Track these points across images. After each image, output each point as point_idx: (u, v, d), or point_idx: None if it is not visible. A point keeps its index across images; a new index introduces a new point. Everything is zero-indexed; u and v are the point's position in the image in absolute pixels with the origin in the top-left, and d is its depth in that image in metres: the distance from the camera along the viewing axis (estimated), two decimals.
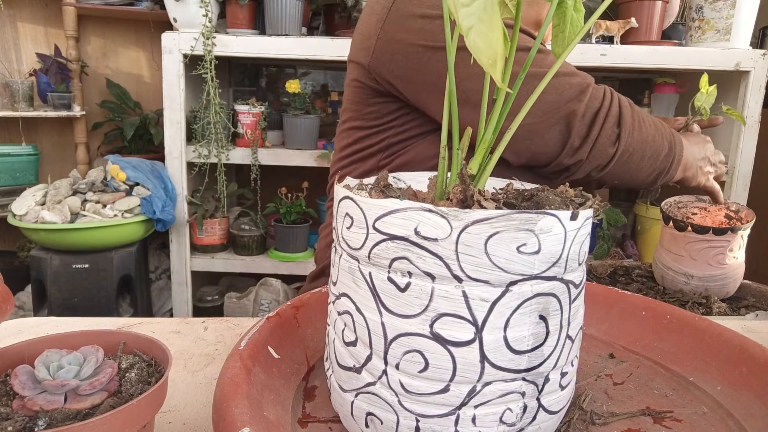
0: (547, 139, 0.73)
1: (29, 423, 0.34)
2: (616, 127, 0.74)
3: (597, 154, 0.75)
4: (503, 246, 0.34)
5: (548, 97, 0.71)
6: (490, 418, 0.37)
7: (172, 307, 2.05)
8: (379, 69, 0.79)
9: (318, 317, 0.55)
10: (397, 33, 0.76)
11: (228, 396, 0.38)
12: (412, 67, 0.76)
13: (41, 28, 2.37)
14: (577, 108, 0.72)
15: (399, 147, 0.84)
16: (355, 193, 0.38)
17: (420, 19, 0.74)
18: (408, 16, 0.75)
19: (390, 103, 0.83)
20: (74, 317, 0.68)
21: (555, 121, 0.72)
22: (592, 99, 0.73)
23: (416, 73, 0.76)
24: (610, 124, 0.74)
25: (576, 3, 0.45)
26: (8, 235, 2.44)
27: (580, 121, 0.72)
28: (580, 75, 0.74)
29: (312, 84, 2.52)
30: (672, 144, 0.81)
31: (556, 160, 0.75)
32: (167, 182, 1.90)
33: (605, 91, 0.75)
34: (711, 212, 1.00)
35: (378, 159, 0.85)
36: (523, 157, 0.76)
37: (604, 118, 0.73)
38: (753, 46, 1.86)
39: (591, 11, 0.40)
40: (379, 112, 0.84)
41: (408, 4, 0.75)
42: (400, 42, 0.76)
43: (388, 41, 0.77)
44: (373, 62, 0.79)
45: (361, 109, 0.85)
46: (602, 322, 0.61)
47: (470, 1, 0.32)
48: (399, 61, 0.76)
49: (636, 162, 0.77)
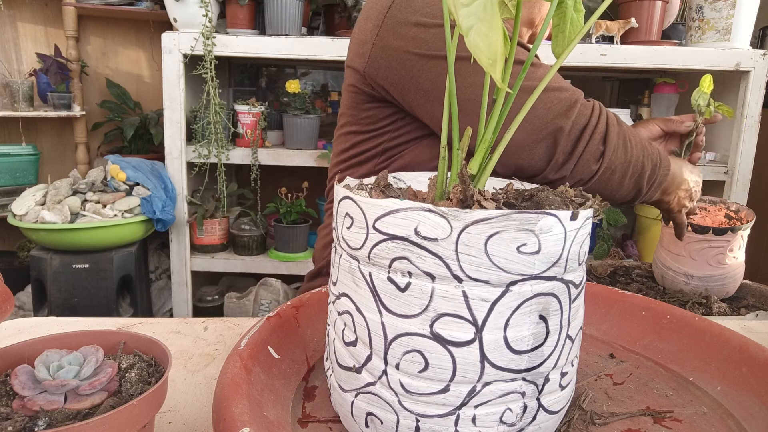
0: (533, 154, 0.73)
1: (29, 423, 0.34)
2: (601, 145, 0.74)
3: (580, 170, 0.75)
4: (503, 246, 0.34)
5: (537, 112, 0.71)
6: (490, 418, 0.37)
7: (172, 307, 2.05)
8: (374, 75, 0.79)
9: (318, 317, 0.55)
10: (393, 40, 0.76)
11: (228, 396, 0.38)
12: (406, 75, 0.76)
13: (41, 28, 2.37)
14: (564, 124, 0.72)
15: (395, 151, 0.85)
16: (355, 193, 0.38)
17: (415, 27, 0.74)
18: (403, 23, 0.75)
19: (385, 108, 0.83)
20: (74, 317, 0.68)
21: (542, 137, 0.72)
22: (579, 115, 0.73)
23: (410, 80, 0.76)
24: (595, 141, 0.74)
25: (576, 3, 0.45)
26: (8, 235, 2.44)
27: (566, 138, 0.73)
28: (570, 90, 0.74)
29: (312, 84, 2.52)
30: (656, 166, 0.81)
31: (541, 175, 0.76)
32: (167, 182, 1.90)
33: (593, 106, 0.75)
34: (711, 212, 1.00)
35: (374, 163, 0.86)
36: (510, 170, 0.76)
37: (590, 134, 0.73)
38: (753, 46, 1.86)
39: (591, 11, 0.40)
40: (375, 116, 0.84)
41: (404, 12, 0.75)
42: (395, 49, 0.76)
43: (383, 48, 0.77)
44: (368, 68, 0.80)
45: (358, 113, 0.86)
46: (602, 322, 0.61)
47: (470, 1, 0.32)
48: (393, 68, 0.77)
49: (617, 180, 0.77)
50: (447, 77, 0.40)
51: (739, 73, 1.81)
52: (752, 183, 1.89)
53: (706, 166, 1.91)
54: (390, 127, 0.84)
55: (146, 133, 2.27)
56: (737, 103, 1.86)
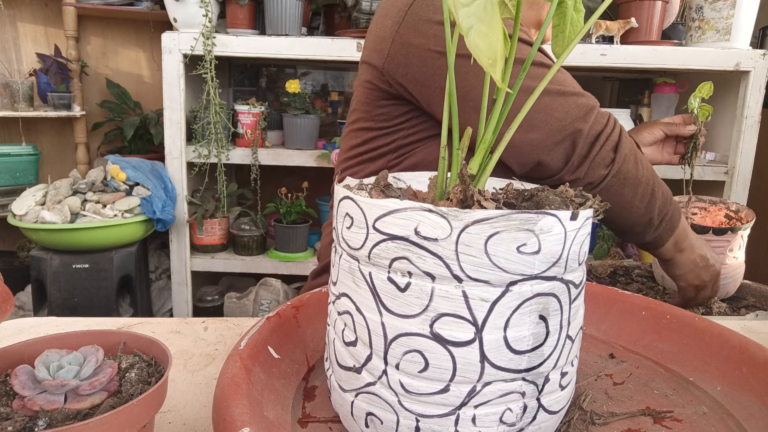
0: (552, 155, 0.75)
1: (29, 423, 0.34)
2: (612, 152, 0.76)
3: (591, 173, 0.76)
4: (503, 246, 0.34)
5: (557, 114, 0.73)
6: (490, 418, 0.37)
7: (172, 307, 2.05)
8: (393, 72, 0.80)
9: (318, 317, 0.55)
10: (413, 37, 0.76)
11: (228, 396, 0.38)
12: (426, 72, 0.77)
13: (41, 28, 2.37)
14: (582, 127, 0.74)
15: (408, 149, 0.85)
16: (355, 193, 0.38)
17: (436, 25, 0.75)
18: (425, 21, 0.75)
19: (401, 106, 0.84)
20: (74, 317, 0.68)
21: (562, 138, 0.74)
22: (596, 122, 0.75)
23: (430, 77, 0.77)
24: (607, 148, 0.75)
25: (576, 3, 0.45)
26: (8, 235, 2.44)
27: (583, 141, 0.74)
28: (587, 96, 0.76)
29: (312, 84, 2.52)
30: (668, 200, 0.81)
31: (558, 176, 0.77)
32: (167, 182, 1.90)
33: (609, 116, 0.78)
34: (711, 212, 1.00)
35: (387, 160, 0.86)
36: (527, 168, 0.77)
37: (605, 140, 0.75)
38: (753, 46, 1.86)
39: (591, 11, 0.40)
40: (390, 113, 0.85)
41: (425, 10, 0.76)
42: (416, 46, 0.76)
43: (403, 45, 0.77)
44: (387, 65, 0.80)
45: (372, 110, 0.86)
46: (602, 322, 0.61)
47: (470, 1, 0.32)
48: (414, 65, 0.77)
49: (628, 194, 0.78)
50: (448, 77, 0.40)
51: (739, 73, 1.81)
52: (752, 183, 1.89)
53: (706, 166, 1.91)
54: (405, 125, 0.84)
55: (146, 133, 2.27)
56: (737, 103, 1.86)
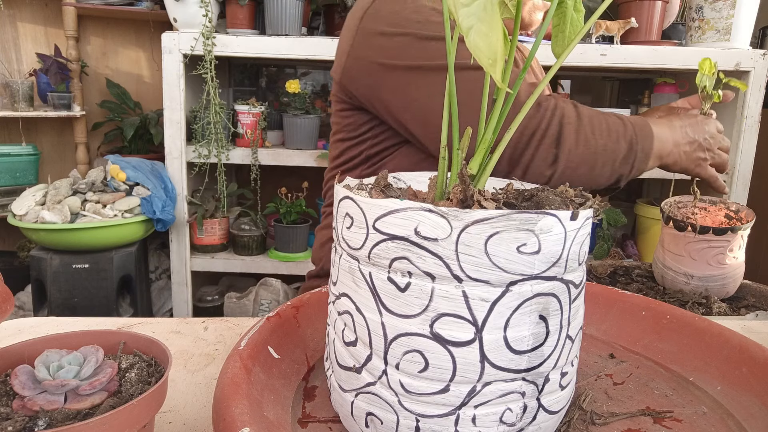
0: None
1: (29, 423, 0.34)
2: (553, 148, 0.72)
3: (532, 177, 0.73)
4: (503, 246, 0.34)
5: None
6: (490, 418, 0.37)
7: (172, 307, 2.05)
8: (348, 85, 0.81)
9: (318, 317, 0.55)
10: (362, 50, 0.77)
11: (228, 396, 0.38)
12: (371, 84, 0.78)
13: (41, 28, 2.37)
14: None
15: (377, 158, 0.86)
16: (355, 193, 0.38)
17: (380, 37, 0.75)
18: (372, 33, 0.76)
19: (363, 115, 0.85)
20: (74, 317, 0.68)
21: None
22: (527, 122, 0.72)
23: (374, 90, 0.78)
24: (545, 146, 0.72)
25: (576, 3, 0.45)
26: (8, 235, 2.44)
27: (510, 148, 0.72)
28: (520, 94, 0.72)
29: (312, 84, 2.52)
30: (633, 142, 0.77)
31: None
32: (167, 182, 1.90)
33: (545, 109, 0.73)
34: (711, 212, 1.00)
35: (360, 170, 0.88)
36: None
37: (539, 140, 0.72)
38: (753, 46, 1.86)
39: (591, 11, 0.40)
40: (355, 123, 0.86)
41: (372, 22, 0.76)
42: (364, 59, 0.77)
43: (356, 58, 0.78)
44: (343, 78, 0.82)
45: (341, 121, 0.88)
46: (602, 322, 0.61)
47: (470, 1, 0.32)
48: (362, 78, 0.78)
49: (585, 173, 0.75)
50: (448, 77, 0.40)
51: (739, 73, 1.81)
52: (752, 183, 1.89)
53: None
54: (369, 134, 0.86)
55: (146, 133, 2.27)
56: (737, 103, 1.86)
